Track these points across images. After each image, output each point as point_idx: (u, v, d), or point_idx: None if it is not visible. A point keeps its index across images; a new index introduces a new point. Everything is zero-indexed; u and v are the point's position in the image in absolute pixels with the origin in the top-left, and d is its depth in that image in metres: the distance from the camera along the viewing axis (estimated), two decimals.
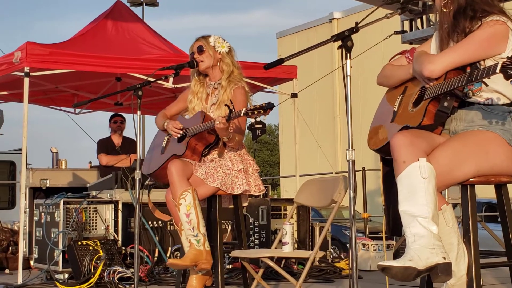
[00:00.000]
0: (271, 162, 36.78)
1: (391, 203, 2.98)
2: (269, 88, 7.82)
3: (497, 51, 2.77)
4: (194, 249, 3.83)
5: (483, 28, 2.78)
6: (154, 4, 18.78)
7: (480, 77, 2.54)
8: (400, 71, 3.04)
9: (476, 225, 2.80)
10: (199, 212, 3.86)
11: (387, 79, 3.12)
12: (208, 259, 3.85)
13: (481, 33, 2.78)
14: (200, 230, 3.84)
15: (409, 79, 3.01)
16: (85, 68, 6.58)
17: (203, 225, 3.88)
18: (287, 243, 3.70)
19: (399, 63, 3.11)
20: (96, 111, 9.27)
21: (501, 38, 2.77)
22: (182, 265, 3.87)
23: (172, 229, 6.02)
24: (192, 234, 3.84)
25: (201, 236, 3.84)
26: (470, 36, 2.80)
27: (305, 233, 6.52)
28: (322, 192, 3.83)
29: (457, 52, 2.79)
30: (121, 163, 7.22)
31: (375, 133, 3.07)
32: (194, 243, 3.83)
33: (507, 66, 2.36)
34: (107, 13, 7.93)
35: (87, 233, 5.78)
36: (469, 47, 2.77)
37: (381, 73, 3.15)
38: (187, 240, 3.88)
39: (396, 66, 3.10)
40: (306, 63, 16.21)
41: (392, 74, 3.08)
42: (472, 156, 2.73)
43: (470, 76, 2.59)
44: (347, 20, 20.49)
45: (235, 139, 3.90)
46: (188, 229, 3.85)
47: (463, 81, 2.65)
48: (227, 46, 4.14)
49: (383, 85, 3.17)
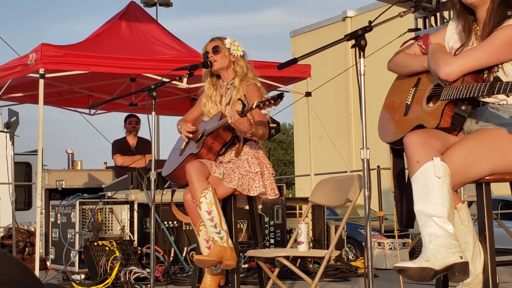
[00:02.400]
0: (286, 161, 36.77)
1: (403, 195, 2.96)
2: (283, 87, 7.82)
3: None
4: (218, 245, 3.81)
5: (504, 31, 2.74)
6: (167, 4, 18.84)
7: (503, 91, 2.49)
8: (414, 62, 2.98)
9: (492, 223, 2.78)
10: (220, 209, 3.86)
11: (400, 68, 3.06)
12: (233, 256, 3.82)
13: (502, 37, 2.73)
14: (222, 227, 3.84)
15: (422, 72, 2.95)
16: (100, 69, 6.61)
17: (225, 222, 3.88)
18: (302, 242, 3.70)
19: (411, 51, 3.04)
20: (111, 112, 9.31)
21: None
22: (209, 261, 3.82)
23: (187, 229, 6.04)
24: (215, 231, 3.83)
25: (224, 233, 3.84)
26: (490, 38, 2.76)
27: (320, 232, 6.51)
28: (337, 191, 3.83)
29: (476, 56, 2.74)
30: (136, 163, 7.24)
31: (386, 125, 3.02)
32: (217, 240, 3.82)
33: None
34: (121, 14, 7.96)
35: (103, 234, 5.81)
36: (488, 51, 2.73)
37: (393, 61, 3.08)
38: (210, 238, 3.87)
39: (410, 55, 3.03)
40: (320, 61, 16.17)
41: (405, 64, 3.02)
42: (488, 154, 2.70)
43: (492, 88, 2.53)
44: (361, 18, 20.41)
45: (259, 133, 3.90)
46: (210, 226, 3.84)
47: (483, 92, 2.59)
48: (242, 50, 4.15)
49: (394, 72, 3.11)
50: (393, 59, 3.10)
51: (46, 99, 6.74)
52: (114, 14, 8.05)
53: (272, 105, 3.55)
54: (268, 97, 3.59)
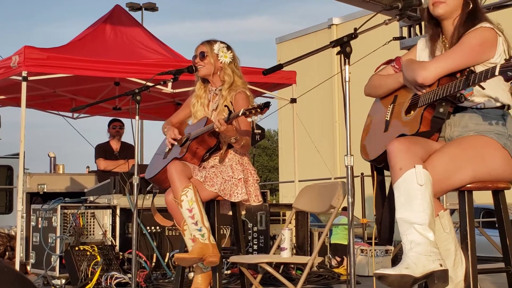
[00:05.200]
0: (270, 167, 36.78)
1: (383, 212, 2.99)
2: (268, 93, 7.82)
3: (487, 57, 2.80)
4: (199, 242, 3.78)
5: (474, 34, 2.81)
6: (153, 9, 18.84)
7: (478, 81, 2.56)
8: (390, 80, 3.06)
9: (474, 231, 2.80)
10: (202, 207, 3.83)
11: (376, 90, 3.13)
12: (215, 252, 3.79)
13: (473, 39, 2.80)
14: (204, 224, 3.81)
15: (398, 88, 3.02)
16: (83, 73, 6.57)
17: (207, 219, 3.84)
18: (285, 249, 3.69)
19: (385, 73, 3.12)
20: (94, 115, 9.26)
21: (491, 44, 2.80)
22: (190, 259, 3.79)
23: (170, 234, 6.01)
24: (196, 229, 3.80)
25: (206, 230, 3.80)
26: (462, 42, 2.83)
27: (303, 239, 6.50)
28: (320, 198, 3.82)
29: (450, 58, 2.81)
30: (119, 168, 7.20)
31: (367, 144, 3.08)
32: (198, 238, 3.79)
33: (506, 68, 2.38)
34: (105, 17, 7.93)
35: (85, 239, 5.76)
36: (461, 53, 2.80)
37: (368, 84, 3.16)
38: (191, 236, 3.84)
39: (384, 76, 3.11)
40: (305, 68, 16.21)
41: (381, 84, 3.09)
42: (469, 161, 2.73)
43: (467, 80, 2.60)
44: (346, 26, 20.52)
45: (242, 142, 3.89)
46: (191, 224, 3.81)
47: (459, 86, 2.66)
48: (230, 56, 4.09)
49: (372, 95, 3.18)
50: (368, 82, 3.18)
51: (28, 102, 6.68)
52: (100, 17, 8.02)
53: (258, 114, 3.54)
54: (254, 106, 3.58)
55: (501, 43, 2.83)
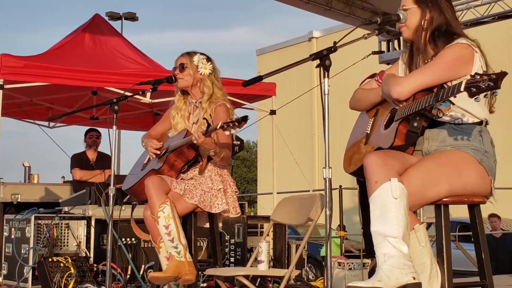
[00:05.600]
0: (249, 179, 36.75)
1: (367, 225, 2.97)
2: (248, 104, 7.81)
3: (463, 73, 2.82)
4: (175, 260, 3.74)
5: (450, 50, 2.84)
6: (133, 18, 18.78)
7: (446, 96, 2.58)
8: (371, 94, 3.10)
9: (450, 245, 2.81)
10: (179, 223, 3.79)
11: (359, 103, 3.18)
12: (191, 270, 3.75)
13: (448, 55, 2.83)
14: (181, 241, 3.77)
15: (380, 102, 3.06)
16: (61, 81, 6.51)
17: (184, 236, 3.81)
18: (262, 261, 3.66)
19: (369, 86, 3.16)
20: (71, 125, 9.19)
21: (467, 60, 2.83)
22: (165, 277, 3.74)
23: (145, 246, 5.94)
24: (172, 246, 3.76)
25: (182, 248, 3.76)
26: (437, 58, 2.85)
27: (281, 251, 6.47)
28: (298, 210, 3.81)
29: (425, 74, 2.83)
30: (95, 178, 7.13)
31: (350, 157, 3.11)
32: (174, 255, 3.75)
33: (471, 84, 2.40)
34: (85, 26, 7.88)
35: (58, 250, 5.69)
36: (436, 69, 2.82)
37: (353, 97, 3.22)
38: (167, 253, 3.80)
39: (366, 89, 3.15)
40: (285, 80, 16.27)
41: (363, 98, 3.14)
42: (445, 176, 2.75)
43: (436, 96, 2.63)
44: (326, 39, 20.63)
45: (221, 154, 3.86)
46: (168, 241, 3.77)
47: (430, 101, 2.69)
48: (210, 67, 4.08)
49: (356, 109, 3.23)
50: (352, 96, 3.22)
51: (4, 111, 6.59)
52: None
53: (236, 127, 3.53)
54: (232, 119, 3.56)
55: (477, 59, 2.85)
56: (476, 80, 2.39)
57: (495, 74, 2.36)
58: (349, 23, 8.42)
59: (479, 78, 2.38)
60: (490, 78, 2.35)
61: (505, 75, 2.37)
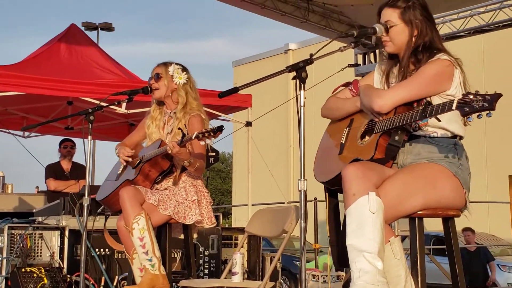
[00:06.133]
0: (224, 191, 36.67)
1: (339, 235, 2.98)
2: (224, 116, 7.82)
3: (443, 88, 2.84)
4: (149, 273, 3.72)
5: (431, 66, 2.86)
6: (109, 28, 18.71)
7: (435, 113, 2.58)
8: (347, 104, 3.08)
9: (424, 258, 2.82)
10: (153, 236, 3.78)
11: (333, 112, 3.16)
12: (165, 284, 3.74)
13: (430, 71, 2.84)
14: (155, 254, 3.75)
15: (355, 112, 3.05)
16: (36, 91, 6.47)
17: (158, 248, 3.79)
18: (236, 273, 3.66)
19: (343, 95, 3.15)
20: (46, 135, 9.11)
21: (447, 77, 2.84)
22: None
23: (119, 257, 5.90)
24: (147, 258, 3.74)
25: (156, 260, 3.75)
26: (419, 73, 2.87)
27: (255, 263, 6.47)
28: (273, 222, 3.81)
29: (407, 88, 2.84)
30: (69, 188, 7.07)
31: (322, 165, 3.09)
32: (148, 268, 3.73)
33: (464, 104, 2.39)
34: (61, 36, 7.84)
35: (32, 260, 5.63)
36: (417, 84, 2.83)
37: (325, 106, 3.19)
38: (141, 265, 3.78)
39: (341, 99, 3.13)
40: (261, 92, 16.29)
41: (338, 107, 3.12)
42: (420, 188, 2.76)
43: (424, 112, 2.62)
44: (303, 51, 20.74)
45: (196, 165, 3.86)
46: (142, 253, 3.75)
47: (416, 117, 2.68)
48: (185, 77, 4.08)
49: (328, 117, 3.21)
50: (325, 105, 3.20)
51: None
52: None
53: (211, 137, 3.53)
54: (208, 129, 3.57)
55: (457, 75, 2.87)
56: (469, 99, 2.38)
57: (489, 95, 2.35)
58: (326, 35, 8.48)
59: (473, 98, 2.37)
60: (485, 99, 2.34)
61: (500, 97, 2.35)
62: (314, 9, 8.02)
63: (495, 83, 15.88)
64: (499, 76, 16.08)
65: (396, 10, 2.94)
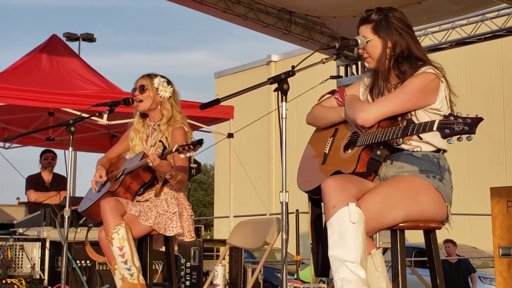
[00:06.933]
0: (206, 202, 36.58)
1: (320, 244, 2.98)
2: (206, 127, 7.82)
3: (427, 102, 2.85)
4: (127, 283, 3.71)
5: (416, 79, 2.85)
6: (91, 39, 18.65)
7: (416, 132, 2.58)
8: (332, 113, 3.08)
9: (405, 270, 2.82)
10: (133, 246, 3.76)
11: (318, 120, 3.15)
12: None
13: (414, 84, 2.84)
14: (134, 263, 3.74)
15: (340, 122, 3.04)
16: (16, 102, 6.43)
17: (137, 258, 3.78)
18: (218, 285, 3.65)
19: (328, 104, 3.14)
20: (27, 146, 9.05)
21: (433, 90, 2.84)
22: None
23: (100, 269, 5.86)
24: (126, 267, 3.73)
25: (135, 270, 3.73)
26: (403, 86, 2.87)
27: (237, 275, 6.45)
28: (255, 234, 3.81)
29: (391, 102, 2.84)
30: (50, 200, 7.03)
31: (306, 174, 3.09)
32: (127, 277, 3.72)
33: (444, 125, 2.40)
34: (42, 46, 7.81)
35: (12, 271, 5.58)
36: (402, 98, 2.83)
37: (311, 114, 3.18)
38: (121, 275, 3.76)
39: (326, 108, 3.12)
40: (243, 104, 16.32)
41: (323, 116, 3.11)
42: (402, 201, 2.77)
43: (405, 130, 2.63)
44: (285, 63, 20.79)
45: (177, 177, 3.85)
46: (121, 262, 3.73)
47: (398, 134, 2.69)
48: (170, 91, 4.07)
49: (313, 125, 3.20)
50: (310, 112, 3.19)
51: None
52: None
53: (191, 150, 3.52)
54: (188, 142, 3.56)
55: (443, 89, 2.86)
56: (450, 121, 2.38)
57: (470, 119, 2.35)
58: (308, 47, 8.51)
59: (453, 120, 2.37)
60: (465, 122, 2.34)
61: (480, 121, 2.35)
62: (297, 20, 8.05)
63: (477, 95, 16.07)
64: (481, 88, 16.24)
65: (368, 25, 2.95)
